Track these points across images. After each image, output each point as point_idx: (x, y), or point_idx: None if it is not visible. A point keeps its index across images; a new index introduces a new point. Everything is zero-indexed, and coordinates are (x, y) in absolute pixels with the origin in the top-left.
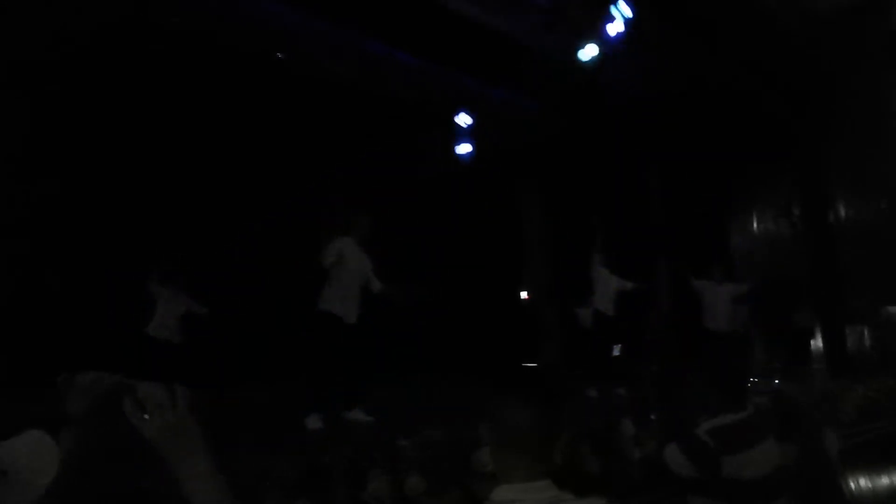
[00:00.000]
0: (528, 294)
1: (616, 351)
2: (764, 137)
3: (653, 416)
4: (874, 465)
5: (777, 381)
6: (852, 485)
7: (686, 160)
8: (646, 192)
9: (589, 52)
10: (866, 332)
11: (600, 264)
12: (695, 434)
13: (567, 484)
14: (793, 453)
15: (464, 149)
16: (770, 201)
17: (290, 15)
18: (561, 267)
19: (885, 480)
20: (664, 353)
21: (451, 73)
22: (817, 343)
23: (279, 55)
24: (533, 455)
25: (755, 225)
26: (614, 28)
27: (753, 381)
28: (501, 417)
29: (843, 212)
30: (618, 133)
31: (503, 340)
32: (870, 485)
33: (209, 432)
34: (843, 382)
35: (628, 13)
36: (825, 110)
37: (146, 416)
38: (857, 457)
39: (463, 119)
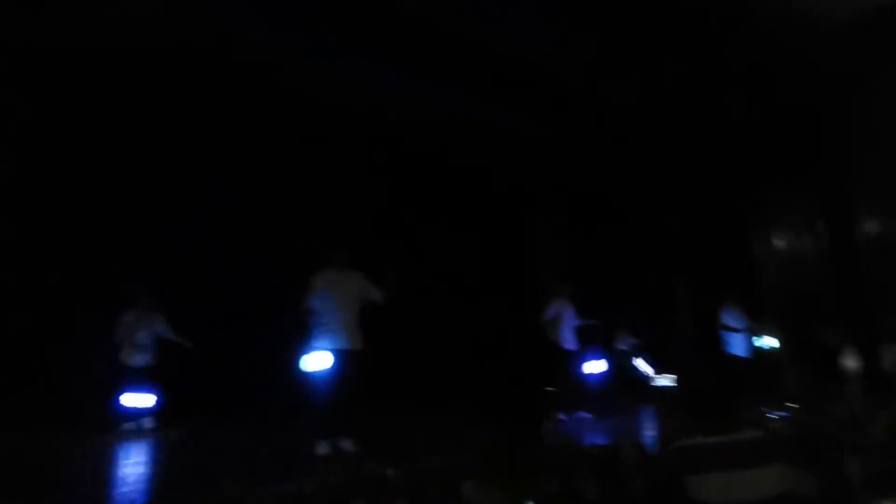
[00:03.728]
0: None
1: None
2: (786, 152)
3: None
4: None
5: (795, 404)
6: None
7: (705, 175)
8: (663, 211)
9: None
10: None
11: (566, 302)
12: (665, 450)
13: None
14: (807, 479)
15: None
16: (793, 215)
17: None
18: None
19: None
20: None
21: (461, 97)
22: (845, 361)
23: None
24: (522, 483)
25: (778, 240)
26: None
27: (768, 403)
28: (491, 446)
29: (867, 226)
30: (630, 152)
31: (498, 369)
32: None
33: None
34: (871, 403)
35: None
36: (845, 123)
37: None
38: (887, 483)
39: None
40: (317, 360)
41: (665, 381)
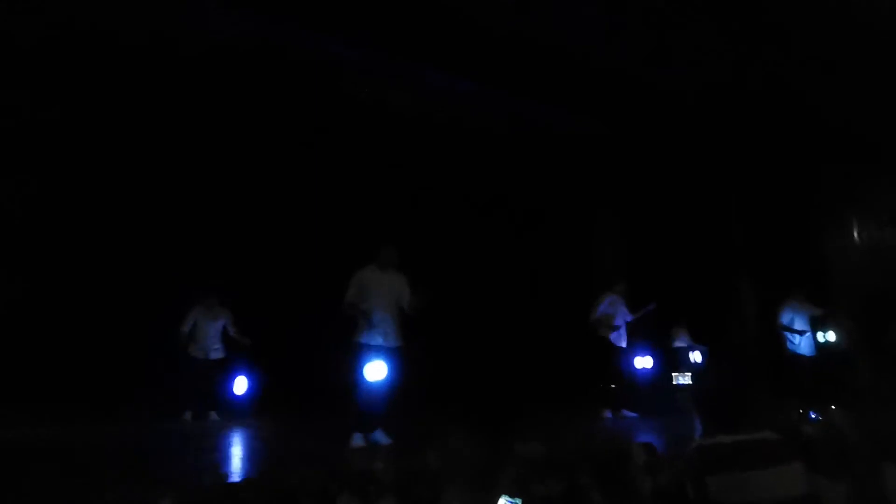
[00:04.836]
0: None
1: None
2: (866, 136)
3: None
4: None
5: (833, 407)
6: None
7: (775, 163)
8: (728, 203)
9: None
10: None
11: (619, 298)
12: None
13: None
14: (827, 483)
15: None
16: (875, 206)
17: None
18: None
19: None
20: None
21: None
22: None
23: None
24: (512, 482)
25: (855, 232)
26: None
27: (809, 404)
28: (478, 446)
29: None
30: (694, 142)
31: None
32: None
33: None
34: None
35: None
36: None
37: None
38: None
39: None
40: (376, 371)
41: (684, 379)
